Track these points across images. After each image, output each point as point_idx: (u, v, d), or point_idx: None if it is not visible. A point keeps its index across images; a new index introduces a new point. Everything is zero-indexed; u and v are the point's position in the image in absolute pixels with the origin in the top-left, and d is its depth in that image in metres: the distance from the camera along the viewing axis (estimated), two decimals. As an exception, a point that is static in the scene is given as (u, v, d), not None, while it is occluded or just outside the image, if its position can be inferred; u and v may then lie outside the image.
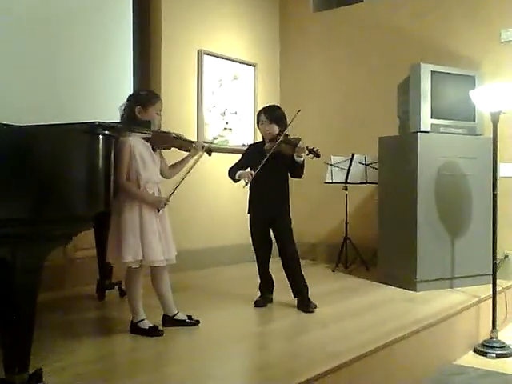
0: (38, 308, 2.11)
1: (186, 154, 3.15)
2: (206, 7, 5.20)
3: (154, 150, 3.01)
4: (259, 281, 3.74)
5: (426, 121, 4.25)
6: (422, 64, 4.27)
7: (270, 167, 3.47)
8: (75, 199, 2.05)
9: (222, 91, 5.39)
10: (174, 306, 3.11)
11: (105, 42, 4.48)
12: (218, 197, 5.26)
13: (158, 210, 2.92)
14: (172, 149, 3.13)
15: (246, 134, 5.57)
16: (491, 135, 3.79)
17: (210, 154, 3.23)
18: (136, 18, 4.75)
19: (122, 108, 3.00)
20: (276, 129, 3.58)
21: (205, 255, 5.04)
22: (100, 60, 4.42)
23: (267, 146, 3.55)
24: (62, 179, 2.02)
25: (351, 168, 4.96)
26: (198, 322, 3.11)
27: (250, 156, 3.65)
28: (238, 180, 3.55)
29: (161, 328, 2.99)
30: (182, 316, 3.10)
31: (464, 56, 4.80)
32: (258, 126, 3.73)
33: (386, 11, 5.37)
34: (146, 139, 2.97)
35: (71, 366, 2.46)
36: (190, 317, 3.12)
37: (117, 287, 3.82)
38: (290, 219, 3.66)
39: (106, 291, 3.80)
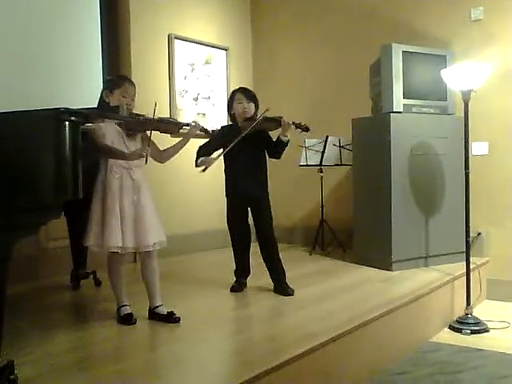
0: (11, 299, 2.07)
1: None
2: (175, -10, 5.12)
3: (130, 134, 2.92)
4: (235, 267, 3.71)
5: (399, 101, 4.25)
6: (393, 44, 4.26)
7: (248, 147, 3.42)
8: (41, 187, 2.00)
9: (195, 76, 5.32)
10: (159, 297, 2.98)
11: (72, 28, 4.38)
12: (194, 182, 5.21)
13: (146, 161, 2.85)
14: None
15: (220, 118, 5.52)
16: (463, 114, 3.82)
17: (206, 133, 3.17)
18: (103, 2, 4.65)
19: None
20: (253, 108, 3.54)
21: (180, 241, 4.99)
22: (67, 46, 4.33)
23: (244, 124, 3.46)
24: (26, 166, 1.96)
25: (326, 150, 4.95)
26: (178, 320, 2.89)
27: (224, 137, 3.50)
28: (197, 166, 3.43)
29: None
30: (162, 310, 2.95)
31: (435, 35, 4.80)
32: (231, 105, 3.60)
33: (356, -8, 5.34)
34: (119, 124, 2.89)
35: (44, 357, 2.43)
36: (171, 313, 2.92)
37: (91, 276, 3.78)
38: (269, 202, 3.60)
39: (81, 281, 3.76)
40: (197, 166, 3.43)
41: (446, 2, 4.81)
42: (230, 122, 3.69)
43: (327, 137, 4.96)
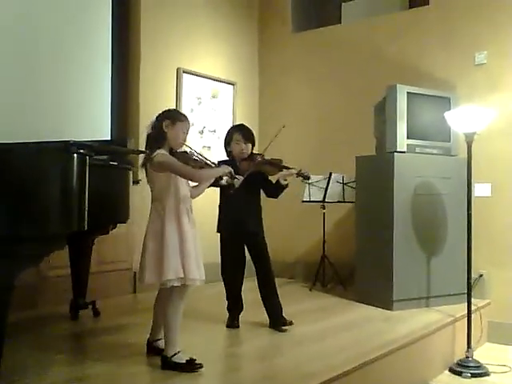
0: (9, 328, 2.07)
1: None
2: (185, 26, 5.23)
3: None
4: (227, 303, 3.66)
5: (402, 141, 4.29)
6: (398, 85, 4.32)
7: (245, 185, 3.44)
8: (47, 218, 2.02)
9: (201, 109, 5.39)
10: (162, 330, 2.88)
11: (82, 60, 4.45)
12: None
13: (233, 187, 2.86)
14: None
15: (224, 152, 5.55)
16: (466, 156, 3.85)
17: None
18: (115, 36, 4.74)
19: (150, 126, 2.91)
20: (250, 148, 3.61)
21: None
22: (77, 77, 4.39)
23: (243, 164, 3.50)
24: (34, 197, 1.99)
25: (329, 187, 4.98)
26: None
27: None
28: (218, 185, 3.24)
29: (198, 362, 2.67)
30: (161, 344, 2.87)
31: (439, 78, 4.88)
32: (228, 144, 3.65)
33: (363, 33, 5.45)
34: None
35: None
36: None
37: (90, 307, 3.76)
38: (265, 239, 3.62)
39: (80, 311, 3.74)
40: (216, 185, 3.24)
41: (450, 45, 4.90)
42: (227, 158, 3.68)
43: (331, 173, 4.99)
